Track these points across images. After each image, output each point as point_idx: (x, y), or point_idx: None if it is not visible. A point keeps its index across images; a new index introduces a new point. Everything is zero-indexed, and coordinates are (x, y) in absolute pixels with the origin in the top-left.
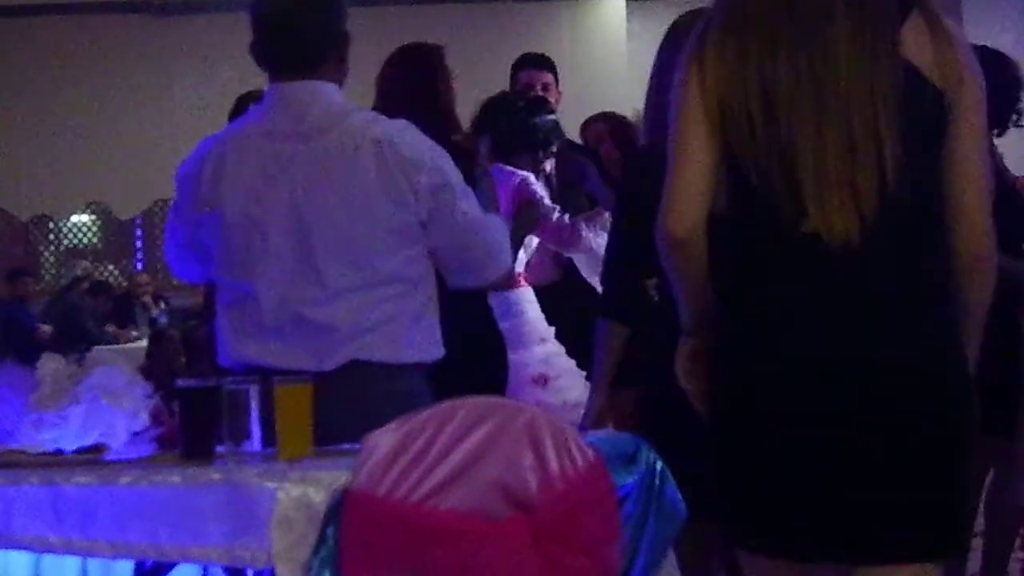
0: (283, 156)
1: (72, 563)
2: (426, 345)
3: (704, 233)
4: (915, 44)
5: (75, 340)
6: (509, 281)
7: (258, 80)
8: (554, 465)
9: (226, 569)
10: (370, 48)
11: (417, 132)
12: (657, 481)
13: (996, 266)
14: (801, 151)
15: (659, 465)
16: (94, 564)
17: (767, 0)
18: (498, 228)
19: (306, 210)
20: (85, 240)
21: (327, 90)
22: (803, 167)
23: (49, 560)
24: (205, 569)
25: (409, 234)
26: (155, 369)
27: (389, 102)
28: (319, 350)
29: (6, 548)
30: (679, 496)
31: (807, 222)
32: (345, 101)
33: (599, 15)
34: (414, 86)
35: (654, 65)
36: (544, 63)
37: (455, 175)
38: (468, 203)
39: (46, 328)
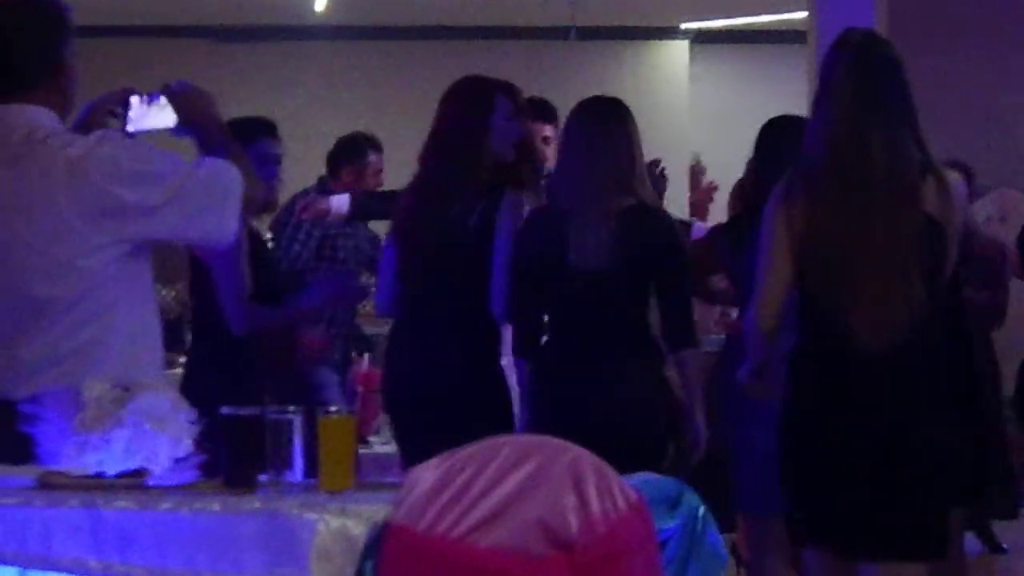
0: None
1: None
2: (128, 372)
3: (779, 321)
4: (930, 197)
5: None
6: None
7: (318, 107)
8: (596, 506)
9: None
10: (428, 83)
11: (122, 138)
12: (699, 526)
13: None
14: (850, 289)
15: (701, 510)
16: None
17: (832, 175)
18: (219, 172)
19: (3, 237)
20: None
21: (35, 114)
22: (851, 300)
23: None
24: None
25: (112, 254)
26: None
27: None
28: (13, 378)
29: (45, 570)
30: (720, 541)
31: (849, 337)
32: (57, 125)
33: (662, 56)
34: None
35: (560, 144)
36: (541, 114)
37: (166, 161)
38: (182, 175)
39: None
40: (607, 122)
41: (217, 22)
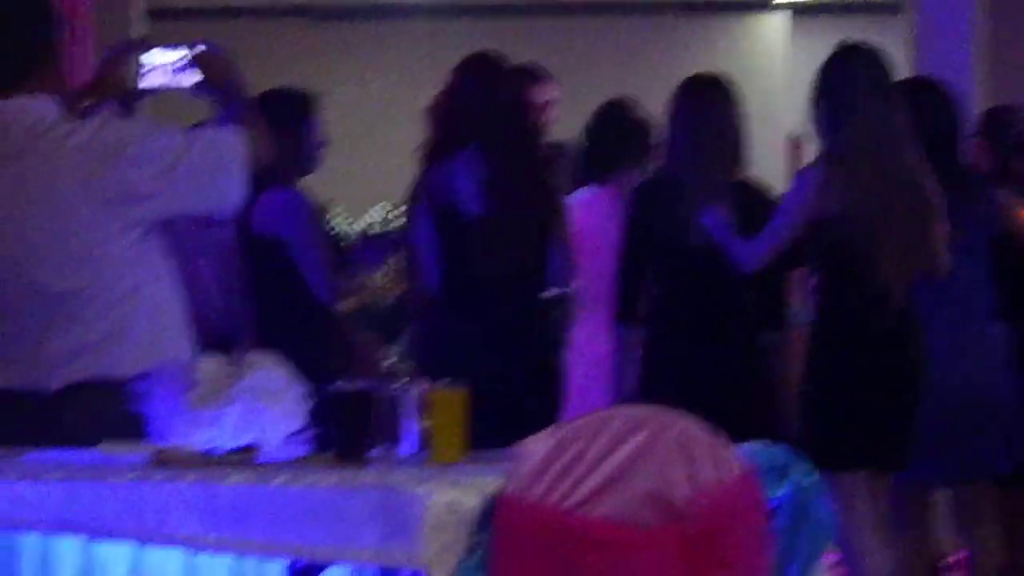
0: None
1: (224, 562)
2: (154, 355)
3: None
4: (928, 188)
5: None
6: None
7: (413, 88)
8: (706, 476)
9: (378, 571)
10: (526, 61)
11: (123, 119)
12: (808, 495)
13: None
14: (878, 250)
15: (811, 479)
16: (247, 564)
17: (868, 168)
18: (217, 140)
19: (10, 238)
20: None
21: (35, 106)
22: (878, 257)
23: (203, 559)
24: (357, 571)
25: (128, 239)
26: None
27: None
28: (44, 372)
29: (161, 545)
30: (830, 511)
31: (876, 286)
32: (58, 114)
33: (761, 29)
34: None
35: (669, 120)
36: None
37: (167, 137)
38: (182, 148)
39: None
40: (715, 98)
41: (314, 2)
